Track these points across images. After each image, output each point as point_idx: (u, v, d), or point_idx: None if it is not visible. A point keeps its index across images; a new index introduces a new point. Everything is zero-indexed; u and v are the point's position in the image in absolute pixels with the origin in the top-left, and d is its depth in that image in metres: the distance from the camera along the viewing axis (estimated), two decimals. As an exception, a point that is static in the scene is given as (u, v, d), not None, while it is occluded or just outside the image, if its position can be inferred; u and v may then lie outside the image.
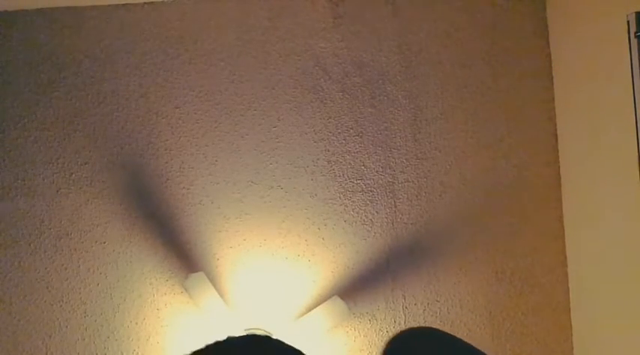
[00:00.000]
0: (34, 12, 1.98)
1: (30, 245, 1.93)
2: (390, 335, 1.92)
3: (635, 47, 1.54)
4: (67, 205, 1.94)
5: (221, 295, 1.82)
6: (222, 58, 2.00)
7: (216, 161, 1.98)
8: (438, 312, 1.95)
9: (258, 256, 1.95)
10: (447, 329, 1.93)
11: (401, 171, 2.00)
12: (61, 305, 1.92)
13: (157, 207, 1.95)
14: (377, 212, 1.98)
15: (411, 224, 1.98)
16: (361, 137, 2.00)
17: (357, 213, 1.98)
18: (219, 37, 2.00)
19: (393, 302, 1.95)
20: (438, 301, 1.96)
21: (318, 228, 1.97)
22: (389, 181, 1.99)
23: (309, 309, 1.86)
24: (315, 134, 2.00)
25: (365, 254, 1.97)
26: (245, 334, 0.85)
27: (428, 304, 1.96)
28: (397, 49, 2.02)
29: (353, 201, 1.98)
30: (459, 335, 1.01)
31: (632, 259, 1.65)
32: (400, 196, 1.99)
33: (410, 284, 1.96)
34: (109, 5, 1.98)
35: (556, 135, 2.01)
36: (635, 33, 1.54)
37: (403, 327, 1.95)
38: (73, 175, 1.96)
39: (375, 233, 1.97)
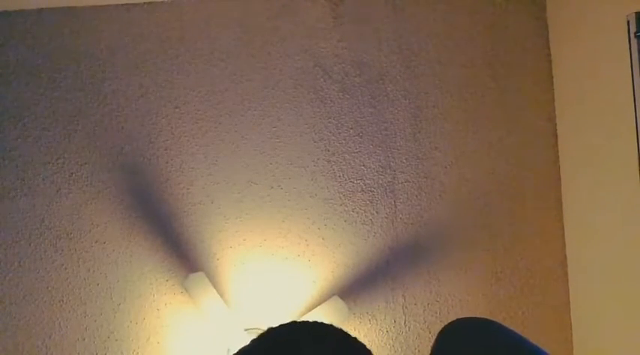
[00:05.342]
0: (34, 12, 1.98)
1: (30, 245, 1.93)
2: (391, 335, 1.92)
3: (635, 47, 1.54)
4: (67, 205, 1.94)
5: (221, 295, 1.82)
6: (222, 58, 2.00)
7: (216, 161, 1.98)
8: (438, 312, 1.95)
9: (258, 256, 1.95)
10: (447, 329, 1.93)
11: (401, 171, 2.00)
12: (61, 305, 1.92)
13: (157, 207, 1.95)
14: (377, 212, 1.98)
15: (411, 224, 1.98)
16: (361, 137, 2.00)
17: (357, 213, 1.98)
18: (219, 37, 2.00)
19: (393, 302, 1.95)
20: (438, 301, 1.96)
21: (318, 228, 1.97)
22: (389, 181, 1.99)
23: (309, 309, 1.86)
24: (315, 134, 2.00)
25: (365, 254, 1.97)
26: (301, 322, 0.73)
27: (428, 304, 1.96)
28: (397, 49, 2.02)
29: (353, 201, 1.98)
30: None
31: (632, 259, 1.64)
32: (400, 196, 1.99)
33: (410, 284, 1.96)
34: (109, 5, 1.98)
35: (556, 135, 2.01)
36: (635, 33, 1.54)
37: (403, 327, 1.95)
38: (73, 175, 1.96)
39: (375, 233, 1.97)
